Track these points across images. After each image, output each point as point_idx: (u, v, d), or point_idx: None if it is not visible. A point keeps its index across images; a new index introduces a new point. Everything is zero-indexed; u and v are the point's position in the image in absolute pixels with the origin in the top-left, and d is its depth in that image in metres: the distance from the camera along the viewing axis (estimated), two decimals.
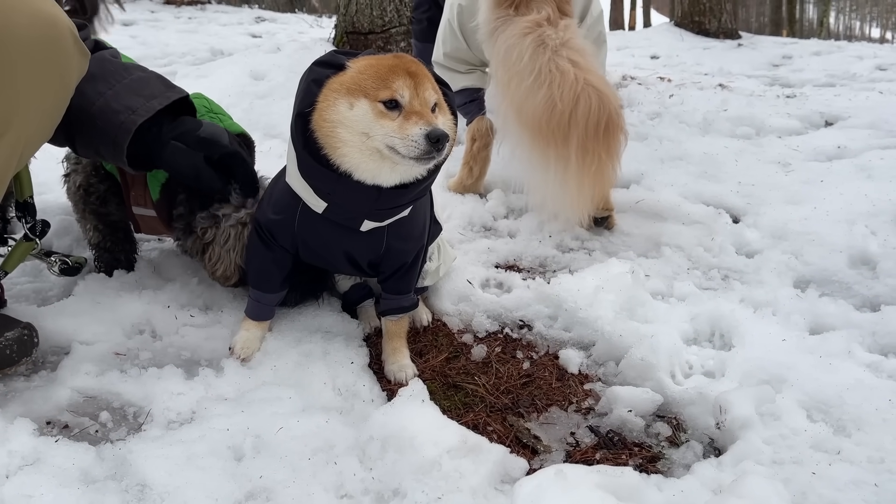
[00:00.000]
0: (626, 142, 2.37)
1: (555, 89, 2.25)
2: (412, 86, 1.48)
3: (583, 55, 2.33)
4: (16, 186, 1.82)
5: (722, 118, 3.92)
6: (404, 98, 1.47)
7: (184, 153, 1.82)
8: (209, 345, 1.87)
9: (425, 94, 1.49)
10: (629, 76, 5.19)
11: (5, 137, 1.42)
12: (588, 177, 2.31)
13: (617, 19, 24.64)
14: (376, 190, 1.55)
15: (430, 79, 1.54)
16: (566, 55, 2.29)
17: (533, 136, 2.34)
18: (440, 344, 1.99)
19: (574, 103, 2.24)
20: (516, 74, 2.34)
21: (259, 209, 1.82)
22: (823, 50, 8.36)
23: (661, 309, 2.09)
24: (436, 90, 1.54)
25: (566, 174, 2.31)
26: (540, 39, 2.32)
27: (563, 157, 2.29)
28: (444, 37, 2.90)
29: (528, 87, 2.31)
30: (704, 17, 9.08)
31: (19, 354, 1.67)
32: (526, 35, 2.33)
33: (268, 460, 1.46)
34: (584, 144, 2.26)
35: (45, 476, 1.35)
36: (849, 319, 2.03)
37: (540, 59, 2.29)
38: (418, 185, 1.59)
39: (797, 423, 1.58)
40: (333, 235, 1.69)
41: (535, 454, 1.59)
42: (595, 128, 2.25)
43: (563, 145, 2.28)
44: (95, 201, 2.07)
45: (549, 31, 2.33)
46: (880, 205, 2.67)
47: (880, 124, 3.80)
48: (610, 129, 2.27)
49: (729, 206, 2.84)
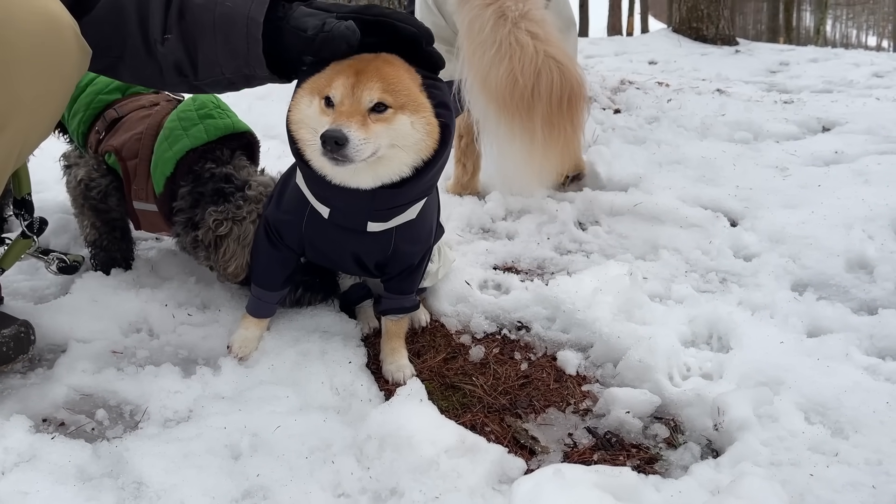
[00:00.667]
0: (589, 110, 2.39)
1: (515, 63, 2.27)
2: (350, 84, 1.43)
3: (542, 26, 2.34)
4: (14, 183, 1.81)
5: (720, 123, 3.93)
6: (336, 97, 1.44)
7: (311, 14, 1.52)
8: (206, 343, 1.87)
9: (362, 93, 1.42)
10: (627, 80, 5.20)
11: (4, 133, 1.42)
12: (555, 151, 2.34)
13: (615, 25, 24.72)
14: (368, 192, 1.53)
15: (383, 78, 1.44)
16: (525, 27, 2.30)
17: (498, 109, 2.36)
18: (438, 344, 1.99)
19: (535, 77, 2.25)
20: (479, 46, 2.36)
21: (269, 205, 1.81)
22: (820, 57, 8.40)
23: (658, 311, 2.09)
24: (391, 90, 1.44)
25: (532, 147, 2.34)
26: (500, 11, 2.32)
27: (528, 130, 2.31)
28: (421, 14, 2.86)
29: (490, 58, 2.32)
30: (702, 23, 9.12)
31: (16, 352, 1.67)
32: (487, 6, 2.34)
33: (265, 459, 1.45)
34: (549, 119, 2.28)
35: (41, 473, 1.35)
36: (846, 322, 2.03)
37: (500, 32, 2.31)
38: (414, 185, 1.55)
39: (795, 424, 1.59)
40: (341, 238, 1.68)
41: (533, 455, 1.59)
42: (559, 101, 2.27)
43: (528, 119, 2.29)
44: (96, 196, 2.05)
45: (508, 3, 2.33)
46: (877, 209, 2.68)
47: (877, 130, 3.82)
48: (573, 102, 2.29)
49: (727, 210, 2.85)
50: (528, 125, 2.28)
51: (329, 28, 1.46)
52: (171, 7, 1.55)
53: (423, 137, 1.49)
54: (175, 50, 1.57)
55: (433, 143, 1.50)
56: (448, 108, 1.54)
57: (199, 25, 1.53)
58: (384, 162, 1.49)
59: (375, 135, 1.43)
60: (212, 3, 1.52)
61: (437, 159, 1.53)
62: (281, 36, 1.52)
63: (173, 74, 1.62)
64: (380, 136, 1.44)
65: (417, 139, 1.48)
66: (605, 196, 2.93)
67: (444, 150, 1.53)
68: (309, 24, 1.48)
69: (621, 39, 12.23)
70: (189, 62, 1.59)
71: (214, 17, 1.52)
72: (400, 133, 1.46)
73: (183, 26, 1.54)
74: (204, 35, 1.54)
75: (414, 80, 1.50)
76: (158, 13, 1.55)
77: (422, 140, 1.49)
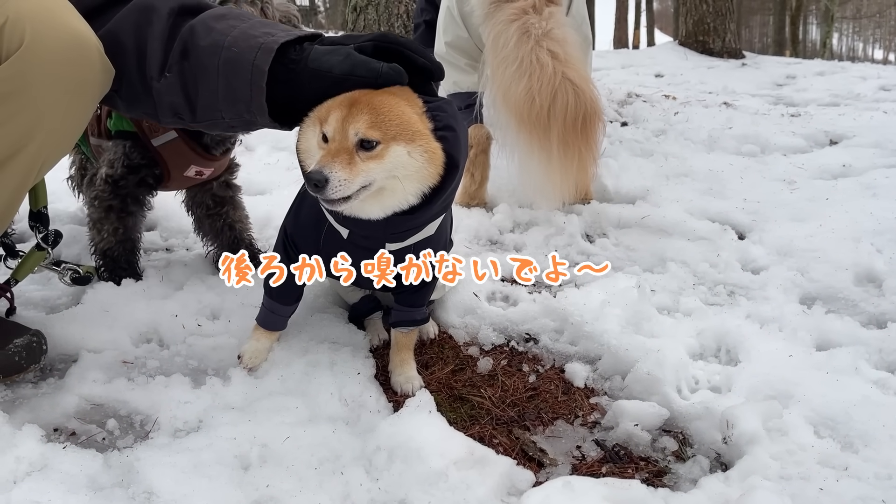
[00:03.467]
0: (605, 129, 2.47)
1: (534, 82, 2.34)
2: (341, 119, 1.41)
3: (563, 46, 2.39)
4: (30, 197, 1.84)
5: (727, 136, 3.95)
6: (328, 132, 1.43)
7: (331, 51, 1.48)
8: (216, 354, 1.88)
9: (349, 129, 1.40)
10: (634, 94, 5.23)
11: (27, 149, 1.44)
12: (570, 169, 2.41)
13: (621, 38, 24.82)
14: (381, 220, 1.52)
15: (374, 110, 1.40)
16: (546, 46, 2.35)
17: (518, 124, 2.44)
18: (446, 356, 1.99)
19: (552, 98, 2.32)
20: (502, 61, 2.43)
21: (287, 217, 1.82)
22: (827, 70, 8.42)
23: (667, 324, 2.09)
24: (379, 123, 1.40)
25: (549, 164, 2.41)
26: (525, 28, 2.39)
27: (545, 149, 2.39)
28: (444, 24, 2.90)
29: (511, 74, 2.41)
30: (708, 36, 9.16)
31: (28, 361, 1.68)
32: (512, 22, 2.41)
33: (274, 469, 1.46)
34: (564, 139, 2.36)
35: (52, 482, 1.35)
36: (855, 336, 2.03)
37: (523, 48, 2.38)
38: (427, 210, 1.52)
39: (804, 438, 1.58)
40: (359, 254, 1.68)
41: (542, 467, 1.59)
42: (573, 123, 2.34)
43: (545, 137, 2.37)
44: (123, 188, 2.07)
45: (533, 20, 2.39)
46: (886, 223, 2.68)
47: (885, 143, 3.82)
48: (588, 123, 2.37)
49: (734, 223, 2.85)
50: (545, 144, 2.35)
51: (367, 71, 1.43)
52: (175, 45, 1.52)
53: (424, 165, 1.44)
54: (172, 90, 1.54)
55: (436, 170, 1.46)
56: (454, 130, 1.48)
57: (202, 68, 1.50)
58: (387, 193, 1.47)
59: (364, 172, 1.40)
60: (217, 48, 1.48)
61: (447, 184, 1.49)
62: (297, 78, 1.48)
63: (168, 114, 1.60)
64: (371, 172, 1.41)
65: (418, 167, 1.44)
66: (612, 208, 2.94)
67: (452, 173, 1.48)
68: (333, 62, 1.45)
69: (628, 52, 12.29)
70: (187, 104, 1.55)
71: (219, 62, 1.48)
72: (396, 164, 1.43)
73: (185, 66, 1.52)
74: (207, 78, 1.50)
75: (413, 107, 1.46)
76: (158, 50, 1.52)
77: (422, 168, 1.45)
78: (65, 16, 1.43)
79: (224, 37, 1.49)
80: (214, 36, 1.49)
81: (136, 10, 1.55)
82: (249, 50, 1.46)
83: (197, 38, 1.50)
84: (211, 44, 1.49)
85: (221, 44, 1.48)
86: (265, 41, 1.46)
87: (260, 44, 1.46)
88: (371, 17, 4.74)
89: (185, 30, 1.52)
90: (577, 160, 2.37)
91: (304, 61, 1.47)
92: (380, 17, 4.73)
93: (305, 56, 1.47)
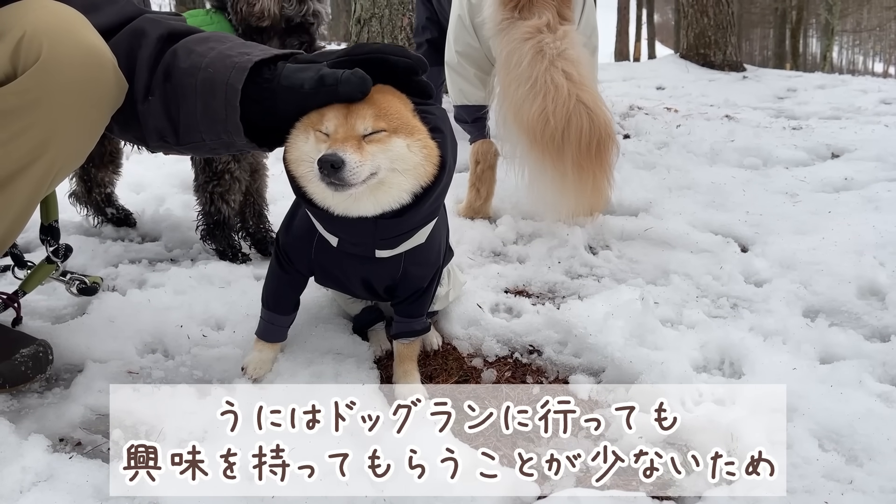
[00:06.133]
0: (618, 152, 2.46)
1: (549, 103, 2.32)
2: (343, 115, 1.45)
3: (577, 67, 2.38)
4: (41, 210, 1.85)
5: (729, 148, 3.96)
6: (330, 127, 1.45)
7: (303, 69, 1.50)
8: (221, 364, 1.88)
9: (356, 121, 1.44)
10: (636, 106, 5.25)
11: (40, 161, 1.46)
12: (585, 192, 2.42)
13: (622, 51, 24.91)
14: (371, 221, 1.54)
15: (375, 105, 1.46)
16: (561, 66, 2.34)
17: (530, 143, 2.42)
18: (450, 367, 2.00)
19: (566, 121, 2.31)
20: (515, 79, 2.41)
21: (280, 229, 1.84)
22: (828, 83, 8.45)
23: (670, 336, 2.09)
24: (383, 115, 1.45)
25: (563, 186, 2.41)
26: (539, 47, 2.36)
27: (559, 170, 2.38)
28: (455, 33, 2.90)
29: (524, 93, 2.38)
30: (710, 49, 9.19)
31: (34, 371, 1.69)
32: (526, 41, 2.38)
33: (279, 480, 1.46)
34: (578, 162, 2.35)
35: (58, 493, 1.36)
36: (859, 349, 2.03)
37: (537, 68, 2.35)
38: (416, 212, 1.55)
39: (809, 451, 1.58)
40: (351, 263, 1.70)
41: (546, 480, 1.59)
42: (587, 147, 2.33)
43: (559, 160, 2.36)
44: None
45: (547, 39, 2.37)
46: (888, 236, 2.68)
47: (886, 157, 3.83)
48: (601, 147, 2.36)
49: (737, 235, 2.86)
50: (558, 165, 2.35)
51: (334, 80, 1.44)
52: (158, 68, 1.55)
53: (422, 161, 1.48)
54: (155, 112, 1.56)
55: (432, 168, 1.50)
56: (442, 132, 1.52)
57: (182, 89, 1.52)
58: (384, 188, 1.49)
59: (372, 156, 1.43)
60: (195, 69, 1.51)
61: (437, 185, 1.52)
62: (272, 97, 1.50)
63: (154, 137, 1.62)
64: (376, 156, 1.44)
65: (416, 163, 1.48)
66: (615, 221, 2.94)
67: (443, 175, 1.52)
68: (304, 78, 1.46)
69: (629, 65, 12.34)
70: (170, 125, 1.57)
71: (196, 83, 1.50)
72: (397, 155, 1.46)
73: (167, 88, 1.54)
74: (186, 99, 1.53)
75: (406, 106, 1.51)
76: (144, 72, 1.55)
77: (420, 164, 1.48)
78: (81, 31, 1.45)
79: (202, 58, 1.52)
80: (193, 58, 1.52)
81: (130, 34, 1.58)
82: (224, 70, 1.48)
83: (178, 60, 1.54)
84: (190, 66, 1.52)
85: (199, 65, 1.51)
86: (239, 61, 1.49)
87: (234, 63, 1.49)
88: (375, 29, 4.76)
89: (169, 53, 1.56)
90: (592, 183, 2.38)
91: (277, 79, 1.49)
92: (383, 29, 4.75)
93: (278, 74, 1.50)
